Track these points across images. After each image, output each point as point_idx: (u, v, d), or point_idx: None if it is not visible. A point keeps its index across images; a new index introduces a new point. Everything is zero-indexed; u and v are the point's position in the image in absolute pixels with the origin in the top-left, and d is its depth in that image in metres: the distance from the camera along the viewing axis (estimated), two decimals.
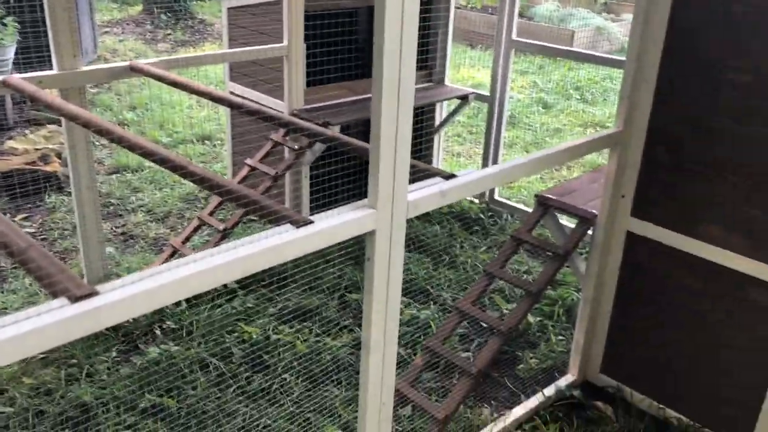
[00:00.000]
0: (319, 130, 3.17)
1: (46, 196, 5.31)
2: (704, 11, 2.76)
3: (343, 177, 4.75)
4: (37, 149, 5.60)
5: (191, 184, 5.57)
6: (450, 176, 2.44)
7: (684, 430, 3.16)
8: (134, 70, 3.79)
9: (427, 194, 2.30)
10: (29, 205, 5.24)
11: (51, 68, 3.56)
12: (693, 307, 3.08)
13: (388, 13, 1.90)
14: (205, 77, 8.43)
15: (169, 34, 11.17)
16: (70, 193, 5.29)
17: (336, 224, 2.04)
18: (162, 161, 2.62)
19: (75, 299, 1.58)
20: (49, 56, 3.57)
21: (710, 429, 3.14)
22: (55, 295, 1.62)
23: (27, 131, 5.98)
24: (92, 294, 1.61)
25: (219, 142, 6.70)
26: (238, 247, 1.86)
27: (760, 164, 2.74)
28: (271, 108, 4.50)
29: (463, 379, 3.01)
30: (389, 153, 2.07)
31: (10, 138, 5.97)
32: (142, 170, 5.89)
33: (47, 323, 1.52)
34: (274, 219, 2.10)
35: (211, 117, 7.37)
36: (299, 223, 2.01)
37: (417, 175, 2.39)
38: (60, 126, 6.17)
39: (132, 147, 2.71)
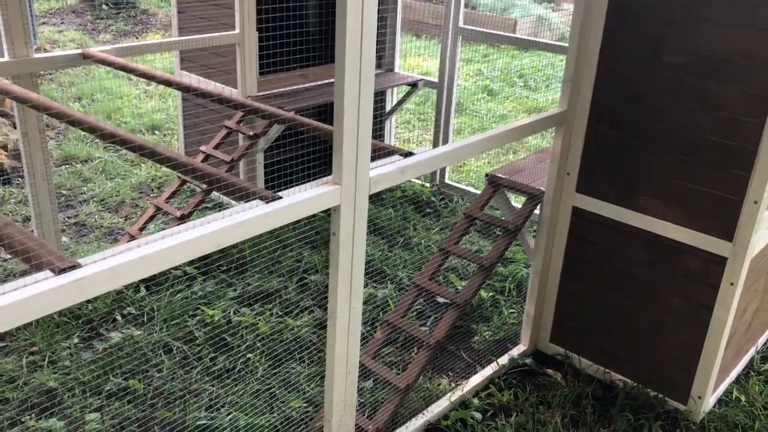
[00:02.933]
0: (277, 112, 3.25)
1: None
2: None
3: (297, 163, 4.82)
4: None
5: (142, 174, 5.57)
6: (408, 154, 2.56)
7: (628, 392, 3.37)
8: (86, 57, 3.78)
9: (388, 171, 2.42)
10: None
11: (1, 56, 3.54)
12: (634, 275, 3.29)
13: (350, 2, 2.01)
14: (153, 68, 8.32)
15: (111, 25, 10.97)
16: (18, 186, 5.23)
17: (303, 199, 2.14)
18: (123, 142, 2.66)
19: (59, 271, 1.65)
20: None
21: (652, 389, 3.37)
22: (38, 268, 1.68)
23: None
24: (75, 266, 1.68)
25: (168, 132, 6.67)
26: (211, 221, 1.95)
27: (693, 139, 2.95)
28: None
29: (423, 351, 3.15)
30: (352, 132, 2.18)
31: None
32: (92, 161, 5.84)
33: (34, 293, 1.58)
34: (244, 195, 2.18)
35: (159, 107, 7.31)
36: (268, 199, 2.10)
37: (376, 153, 2.51)
38: (3, 118, 6.06)
39: (92, 129, 2.75)
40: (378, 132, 5.82)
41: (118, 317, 3.76)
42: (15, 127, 6.06)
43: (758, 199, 2.83)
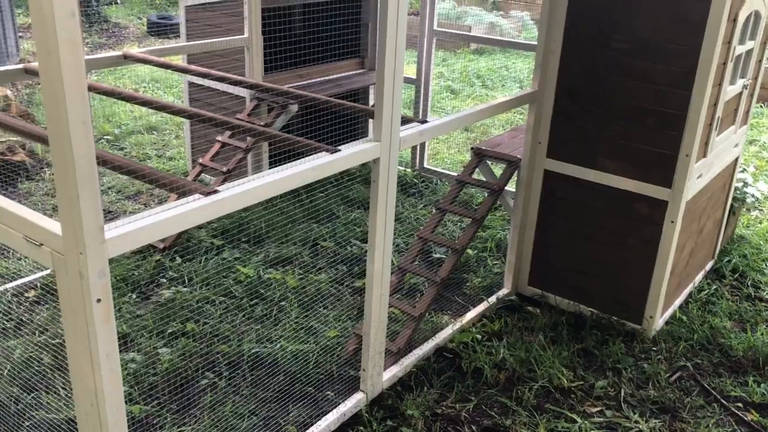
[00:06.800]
0: (315, 95, 3.97)
1: (19, 184, 5.74)
2: None
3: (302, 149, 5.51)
4: (2, 142, 5.99)
5: (152, 166, 6.16)
6: (423, 121, 3.30)
7: (595, 319, 4.16)
8: (127, 58, 4.41)
9: (411, 133, 3.15)
10: (3, 193, 5.65)
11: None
12: (595, 222, 4.08)
13: (390, 15, 2.73)
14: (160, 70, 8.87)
15: (86, 38, 11.41)
16: (39, 180, 5.77)
17: (356, 151, 2.85)
18: (163, 108, 3.34)
19: (206, 194, 2.32)
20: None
21: (614, 315, 4.16)
22: (189, 193, 2.35)
23: None
24: (215, 192, 2.35)
25: (166, 131, 7.25)
26: (295, 165, 2.64)
27: (636, 109, 3.76)
28: (233, 93, 5.27)
29: (431, 287, 3.87)
30: (389, 104, 2.90)
31: None
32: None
33: (194, 207, 2.25)
34: (311, 150, 2.87)
35: (153, 111, 7.87)
36: (332, 151, 2.80)
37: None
38: (22, 120, 6.55)
39: (132, 99, 3.43)
40: (362, 126, 6.53)
41: (163, 280, 4.37)
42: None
43: (689, 153, 3.66)
